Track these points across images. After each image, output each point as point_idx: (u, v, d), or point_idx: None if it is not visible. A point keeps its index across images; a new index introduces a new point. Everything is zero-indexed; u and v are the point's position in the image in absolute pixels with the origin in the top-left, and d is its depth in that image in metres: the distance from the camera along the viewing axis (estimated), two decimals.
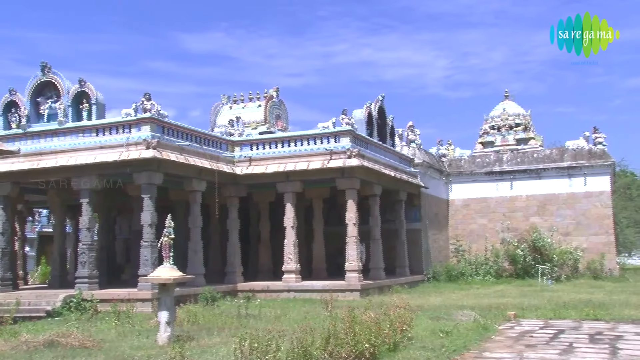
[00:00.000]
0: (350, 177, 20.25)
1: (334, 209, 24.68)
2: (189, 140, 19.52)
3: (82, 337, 10.44)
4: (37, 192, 22.44)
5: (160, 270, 10.70)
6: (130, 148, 17.69)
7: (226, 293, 19.07)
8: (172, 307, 10.51)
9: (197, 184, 19.43)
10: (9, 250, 20.22)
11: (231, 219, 21.62)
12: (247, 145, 21.98)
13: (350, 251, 20.11)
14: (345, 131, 20.51)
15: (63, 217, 23.34)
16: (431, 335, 10.50)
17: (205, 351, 9.31)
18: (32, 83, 19.93)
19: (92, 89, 19.20)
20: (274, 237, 22.99)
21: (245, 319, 13.28)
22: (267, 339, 7.71)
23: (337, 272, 21.42)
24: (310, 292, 19.51)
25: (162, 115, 18.45)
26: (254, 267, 23.72)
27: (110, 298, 16.14)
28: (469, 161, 31.07)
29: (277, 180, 20.97)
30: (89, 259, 17.98)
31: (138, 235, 18.49)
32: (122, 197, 21.52)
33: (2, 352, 9.47)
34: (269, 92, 27.32)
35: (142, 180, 17.68)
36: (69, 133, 18.95)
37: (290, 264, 20.60)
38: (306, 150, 20.90)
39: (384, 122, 25.04)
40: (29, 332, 11.25)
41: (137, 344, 10.26)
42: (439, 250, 28.45)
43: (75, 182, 18.34)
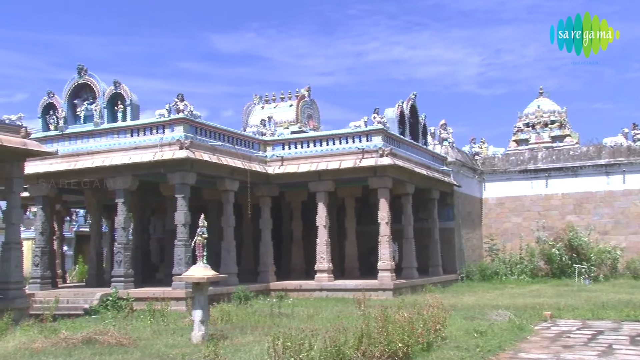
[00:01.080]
0: (383, 176, 20.16)
1: (366, 208, 24.60)
2: (222, 140, 19.67)
3: (118, 334, 10.60)
4: (74, 192, 22.87)
5: (194, 269, 10.79)
6: (163, 148, 17.91)
7: (259, 292, 19.16)
8: (206, 305, 10.60)
9: (230, 183, 19.57)
10: (48, 250, 20.66)
11: (264, 219, 21.72)
12: (279, 145, 22.05)
13: (383, 250, 20.02)
14: (377, 130, 20.43)
15: (99, 216, 23.77)
16: (465, 335, 10.38)
17: (238, 350, 9.36)
18: (69, 85, 20.32)
19: (127, 90, 19.49)
20: (307, 237, 23.03)
21: (278, 317, 13.32)
22: (300, 338, 7.71)
23: (370, 271, 21.35)
24: (343, 291, 19.50)
25: (195, 115, 18.64)
26: (286, 266, 23.79)
27: (145, 297, 16.35)
28: (503, 159, 30.65)
29: (309, 180, 20.99)
30: (124, 258, 18.26)
31: (172, 234, 18.71)
32: (157, 197, 21.80)
33: (43, 349, 9.67)
34: (300, 92, 27.36)
35: (176, 180, 17.88)
36: (104, 134, 19.28)
37: (322, 263, 20.61)
38: (338, 150, 20.87)
39: (416, 120, 24.87)
40: (68, 330, 11.46)
41: (171, 342, 10.37)
42: (472, 250, 28.14)
43: (111, 182, 18.65)
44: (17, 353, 9.43)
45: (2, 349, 9.84)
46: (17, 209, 15.22)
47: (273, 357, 7.58)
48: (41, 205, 20.23)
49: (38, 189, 19.76)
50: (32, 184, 19.45)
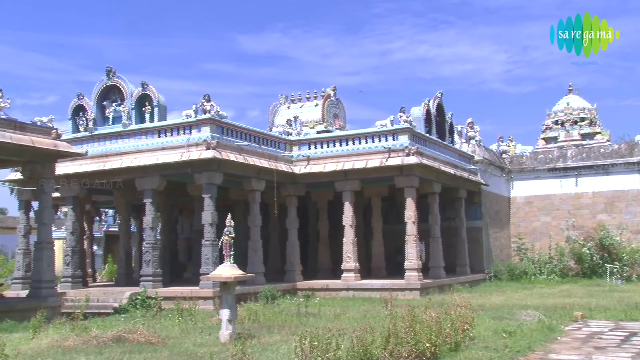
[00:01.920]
0: (409, 174, 20.06)
1: (392, 207, 24.50)
2: (248, 140, 19.77)
3: (147, 333, 10.71)
4: (104, 192, 23.18)
5: (221, 268, 10.86)
6: (190, 149, 18.07)
7: (286, 291, 19.21)
8: (233, 305, 10.66)
9: (256, 183, 19.66)
10: (79, 249, 21.00)
11: (290, 218, 21.78)
12: (305, 145, 22.09)
13: (410, 250, 19.92)
14: (403, 129, 20.34)
15: (128, 216, 24.04)
16: (494, 335, 10.28)
17: (266, 349, 9.39)
18: (98, 87, 20.61)
19: (154, 91, 19.70)
20: (333, 236, 23.03)
21: (305, 317, 13.34)
22: (327, 338, 7.71)
23: (397, 270, 21.27)
24: (370, 290, 19.46)
25: (222, 116, 18.77)
26: (313, 265, 23.82)
27: (173, 296, 16.50)
28: (531, 157, 30.25)
29: (336, 179, 20.98)
30: (152, 257, 18.46)
31: (199, 234, 18.86)
32: (184, 197, 21.99)
33: (75, 347, 9.83)
34: (326, 91, 27.36)
35: (203, 180, 18.02)
36: (132, 135, 19.52)
37: (349, 262, 20.58)
38: (364, 149, 20.83)
39: (443, 119, 24.69)
40: (98, 328, 11.62)
41: (200, 341, 10.45)
42: (500, 249, 27.83)
43: (139, 182, 18.87)
44: (50, 350, 9.60)
45: (36, 346, 10.03)
46: (48, 209, 15.51)
47: (300, 356, 7.58)
48: (71, 205, 20.57)
49: (68, 189, 20.08)
50: (62, 185, 19.76)
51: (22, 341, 10.54)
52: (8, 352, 8.08)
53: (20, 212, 20.92)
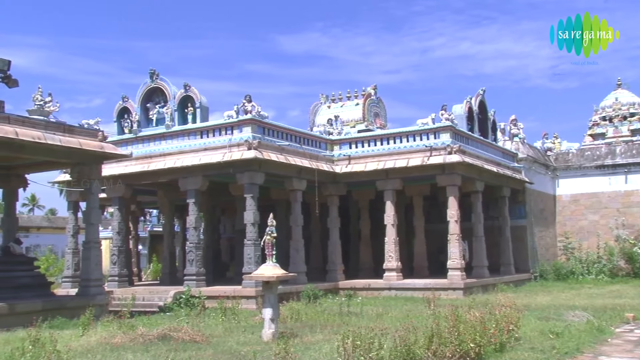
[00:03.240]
0: (451, 173, 19.84)
1: (434, 206, 24.26)
2: (289, 140, 19.86)
3: (192, 331, 10.85)
4: (148, 193, 23.64)
5: (264, 268, 10.92)
6: (232, 149, 18.25)
7: (328, 291, 19.22)
8: (276, 304, 10.70)
9: (298, 183, 19.73)
10: (125, 249, 21.45)
11: (331, 217, 21.78)
12: (346, 144, 22.07)
13: (453, 249, 19.70)
14: (445, 127, 20.13)
15: (171, 216, 24.47)
16: (540, 336, 10.05)
17: (308, 348, 9.40)
18: (142, 90, 21.00)
19: (197, 93, 19.97)
20: (375, 235, 22.94)
21: (347, 316, 13.31)
22: (370, 337, 7.67)
23: (439, 270, 21.06)
24: (412, 290, 19.31)
25: (263, 116, 18.90)
26: (354, 265, 23.77)
27: (216, 295, 16.70)
28: (578, 154, 29.52)
29: (377, 178, 20.90)
30: (196, 257, 18.71)
31: (241, 234, 19.02)
32: (226, 197, 22.22)
33: (122, 344, 10.04)
34: (366, 90, 27.26)
35: (245, 180, 18.18)
36: (175, 136, 19.83)
37: (391, 262, 20.47)
38: (405, 148, 20.70)
39: (485, 116, 24.35)
40: (144, 326, 11.83)
41: (243, 340, 10.53)
42: (546, 248, 27.26)
43: (182, 182, 19.14)
44: (99, 347, 9.83)
45: (86, 343, 10.29)
46: (95, 209, 15.88)
47: (343, 355, 7.56)
48: (117, 205, 21.01)
49: (114, 190, 20.51)
50: (109, 185, 20.19)
51: (72, 338, 10.80)
52: (60, 348, 8.29)
53: (69, 212, 21.52)
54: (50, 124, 14.46)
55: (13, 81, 14.31)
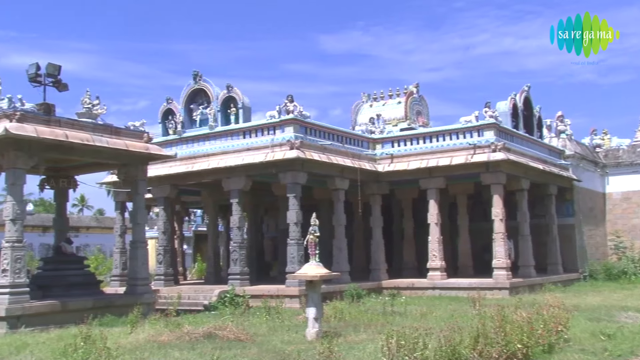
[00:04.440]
0: (496, 171, 19.53)
1: (479, 204, 23.89)
2: (331, 139, 19.87)
3: (236, 330, 10.96)
4: (192, 193, 23.96)
5: (307, 267, 10.95)
6: (275, 149, 18.36)
7: (371, 290, 19.14)
8: (319, 303, 10.71)
9: (340, 182, 19.71)
10: (170, 248, 21.81)
11: (374, 217, 21.70)
12: (388, 143, 21.95)
13: (498, 248, 19.38)
14: (488, 124, 19.82)
15: (215, 216, 24.76)
16: (591, 337, 9.79)
17: (352, 347, 9.39)
18: (186, 91, 21.32)
19: (239, 93, 20.16)
20: (418, 234, 22.77)
21: (391, 316, 13.24)
22: (414, 337, 7.61)
23: (484, 269, 20.74)
24: (456, 289, 19.12)
25: (305, 116, 18.95)
26: (397, 264, 23.63)
27: (260, 294, 16.82)
28: (629, 151, 28.63)
29: (420, 177, 20.72)
30: (239, 256, 18.88)
31: (285, 233, 19.11)
32: (269, 196, 22.37)
33: (169, 342, 10.22)
34: (408, 88, 27.05)
35: (287, 180, 18.26)
36: (218, 137, 20.06)
37: (435, 261, 20.28)
38: (449, 146, 20.47)
39: (530, 113, 23.90)
40: (190, 324, 12.00)
41: (287, 339, 10.58)
42: (595, 247, 26.54)
43: (226, 182, 19.34)
44: (147, 345, 10.02)
45: (134, 340, 10.51)
46: (142, 209, 16.20)
47: (387, 355, 7.52)
48: (163, 205, 21.37)
49: (160, 190, 20.87)
50: (154, 186, 20.56)
51: (121, 335, 11.04)
52: (110, 345, 8.49)
53: (117, 212, 22.02)
54: (98, 126, 14.79)
55: (63, 85, 14.72)
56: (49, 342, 10.64)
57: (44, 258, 18.19)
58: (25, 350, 9.96)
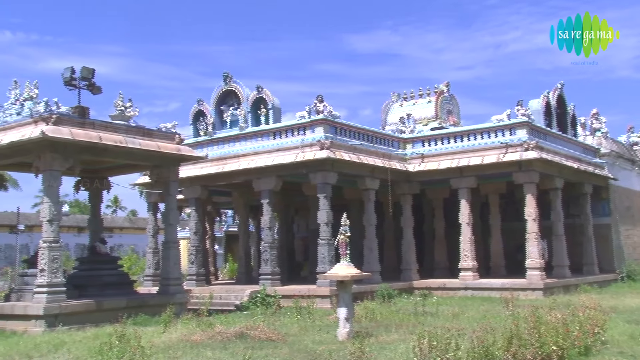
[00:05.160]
0: (528, 170, 19.26)
1: (511, 203, 23.59)
2: (361, 139, 19.84)
3: (268, 330, 11.01)
4: (223, 193, 24.15)
5: (338, 267, 10.94)
6: (305, 149, 18.40)
7: (402, 290, 19.04)
8: (351, 303, 10.70)
9: (370, 182, 19.66)
10: (202, 248, 22.02)
11: (405, 217, 21.59)
12: (418, 142, 21.83)
13: (531, 248, 19.11)
14: (521, 123, 19.58)
15: (246, 217, 24.89)
16: (630, 340, 9.56)
17: (384, 348, 9.35)
18: (216, 93, 21.50)
19: (269, 94, 20.25)
20: (449, 234, 22.58)
21: (423, 316, 13.15)
22: (446, 337, 7.55)
23: (517, 269, 20.49)
24: (489, 290, 18.92)
25: (334, 116, 18.95)
26: (429, 264, 23.47)
27: (291, 294, 16.87)
28: None
29: (451, 176, 20.56)
30: (270, 256, 18.96)
31: (315, 233, 19.13)
32: (299, 196, 22.42)
33: (202, 341, 10.32)
34: (439, 87, 26.83)
35: (317, 180, 18.28)
36: (249, 137, 20.18)
37: (466, 261, 20.09)
38: (480, 145, 20.28)
39: (564, 111, 23.52)
40: (222, 324, 12.08)
41: (318, 339, 10.58)
42: (633, 247, 25.95)
43: (256, 183, 19.44)
44: (180, 344, 10.13)
45: (167, 339, 10.63)
46: (174, 210, 16.36)
47: (419, 356, 7.48)
48: (194, 206, 21.57)
49: (191, 191, 21.08)
50: (185, 187, 20.77)
51: (154, 334, 11.17)
52: (143, 344, 8.61)
53: (149, 213, 22.31)
54: (131, 128, 15.00)
55: (97, 88, 14.98)
56: (85, 341, 10.83)
57: (79, 258, 18.52)
58: (62, 348, 10.17)
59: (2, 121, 14.48)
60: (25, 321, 13.04)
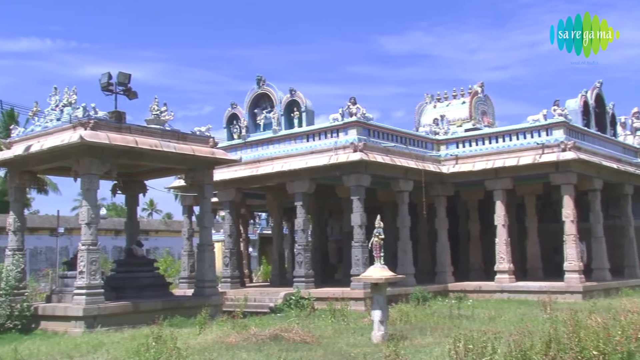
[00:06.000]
0: (566, 171, 18.91)
1: (548, 205, 23.20)
2: (394, 141, 19.76)
3: (302, 332, 11.02)
4: (257, 196, 24.28)
5: (372, 270, 10.90)
6: (338, 152, 18.39)
7: (437, 293, 18.88)
8: (385, 306, 10.65)
9: (404, 184, 19.55)
10: (236, 251, 22.17)
11: (439, 218, 21.41)
12: (452, 143, 21.65)
13: (569, 250, 18.74)
14: (558, 123, 19.24)
15: (280, 219, 24.99)
16: None
17: (419, 351, 9.28)
18: (249, 96, 21.65)
19: (302, 97, 20.31)
20: (484, 236, 22.33)
21: (458, 319, 13.02)
22: (483, 341, 7.44)
23: (554, 272, 20.13)
24: (526, 293, 18.67)
25: (367, 118, 18.90)
26: (464, 266, 23.22)
27: (325, 296, 16.84)
28: None
29: (486, 178, 20.32)
30: (304, 259, 18.99)
31: (349, 236, 19.11)
32: (333, 199, 22.41)
33: (237, 343, 10.39)
34: (473, 88, 26.53)
35: (351, 182, 18.25)
36: (282, 140, 20.27)
37: (502, 263, 19.82)
38: (515, 145, 20.01)
39: (603, 110, 23.05)
40: (257, 326, 12.14)
41: (352, 341, 10.56)
42: None
43: (290, 186, 19.51)
44: (215, 346, 10.22)
45: (203, 341, 10.73)
46: (208, 213, 16.52)
47: (454, 359, 7.39)
48: (228, 209, 21.75)
49: (225, 194, 21.25)
50: (220, 190, 20.94)
51: (190, 336, 11.29)
52: (180, 346, 8.71)
53: (184, 216, 22.56)
54: (166, 132, 15.21)
55: (133, 93, 15.24)
56: (122, 342, 11.01)
57: (116, 260, 18.84)
58: (101, 349, 10.35)
59: (43, 127, 14.86)
60: (66, 322, 13.36)
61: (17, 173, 15.61)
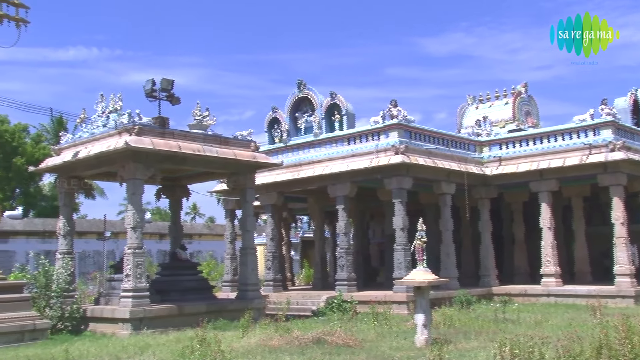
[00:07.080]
0: (615, 172, 18.42)
1: (596, 207, 22.63)
2: (436, 143, 19.59)
3: (345, 336, 11.00)
4: (299, 200, 24.36)
5: (415, 273, 10.81)
6: (379, 154, 18.32)
7: (481, 296, 18.61)
8: (428, 309, 10.55)
9: (446, 186, 19.35)
10: (278, 254, 22.27)
11: (483, 221, 21.10)
12: (495, 145, 21.33)
13: (619, 253, 18.23)
14: (606, 122, 18.77)
15: (322, 222, 25.01)
16: None
17: (463, 355, 9.15)
18: (290, 100, 21.76)
19: (343, 100, 20.31)
20: (529, 239, 21.88)
21: (503, 323, 12.81)
22: (530, 346, 7.30)
23: (603, 276, 19.63)
24: (573, 297, 18.26)
25: (409, 120, 18.78)
26: (508, 269, 22.81)
27: (367, 300, 16.77)
28: None
29: (530, 179, 19.94)
30: (346, 262, 18.96)
31: (391, 239, 19.01)
32: (374, 202, 22.31)
33: (279, 346, 10.44)
34: (516, 88, 26.08)
35: (392, 185, 18.15)
36: (323, 144, 20.30)
37: (549, 266, 19.41)
38: (561, 146, 19.59)
39: None
40: (299, 329, 12.19)
41: (395, 345, 10.49)
42: None
43: (331, 189, 19.51)
44: (258, 349, 10.29)
45: (246, 344, 10.82)
46: (250, 217, 16.65)
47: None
48: (270, 213, 21.88)
49: (267, 197, 21.39)
50: (261, 194, 21.08)
51: (234, 339, 11.39)
52: (223, 348, 8.80)
53: (226, 220, 22.80)
54: (208, 137, 15.40)
55: (176, 99, 15.49)
56: (168, 344, 11.18)
57: (161, 264, 19.13)
58: (148, 351, 10.53)
59: (90, 133, 15.22)
60: (113, 324, 13.64)
61: (66, 178, 16.03)
